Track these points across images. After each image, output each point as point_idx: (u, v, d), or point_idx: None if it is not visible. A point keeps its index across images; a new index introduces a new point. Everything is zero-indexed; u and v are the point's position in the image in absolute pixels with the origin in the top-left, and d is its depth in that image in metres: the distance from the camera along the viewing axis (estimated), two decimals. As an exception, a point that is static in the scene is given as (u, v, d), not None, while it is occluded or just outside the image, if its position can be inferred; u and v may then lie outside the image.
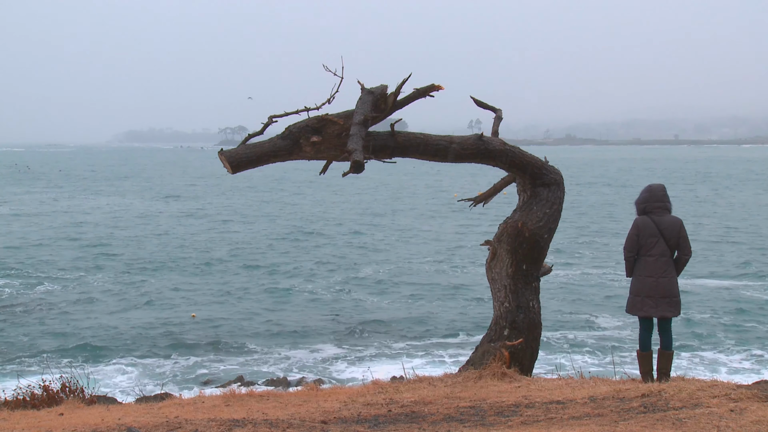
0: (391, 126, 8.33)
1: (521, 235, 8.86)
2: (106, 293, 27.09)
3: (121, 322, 23.09)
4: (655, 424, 5.56)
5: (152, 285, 28.64)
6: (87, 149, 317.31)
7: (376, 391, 8.23)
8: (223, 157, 7.78)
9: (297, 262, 33.78)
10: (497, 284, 9.04)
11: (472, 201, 9.89)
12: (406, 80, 8.06)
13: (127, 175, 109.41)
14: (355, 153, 7.32)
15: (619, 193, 72.51)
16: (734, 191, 74.68)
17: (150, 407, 8.18)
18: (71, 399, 9.32)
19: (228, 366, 19.00)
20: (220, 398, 8.45)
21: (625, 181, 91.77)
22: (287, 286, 28.42)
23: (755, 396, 6.03)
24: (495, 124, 9.31)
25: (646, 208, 8.04)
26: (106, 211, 55.98)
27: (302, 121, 8.07)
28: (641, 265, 7.95)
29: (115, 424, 6.73)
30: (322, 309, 24.84)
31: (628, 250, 8.04)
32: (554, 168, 9.20)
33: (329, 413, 7.08)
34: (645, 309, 7.91)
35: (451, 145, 8.63)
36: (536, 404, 6.84)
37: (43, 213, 54.47)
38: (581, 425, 5.78)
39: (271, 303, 25.83)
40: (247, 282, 29.27)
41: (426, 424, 6.43)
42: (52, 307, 24.88)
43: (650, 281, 7.87)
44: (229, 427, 6.29)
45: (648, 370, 7.97)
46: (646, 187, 8.21)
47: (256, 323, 23.12)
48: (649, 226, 7.94)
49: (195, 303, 25.65)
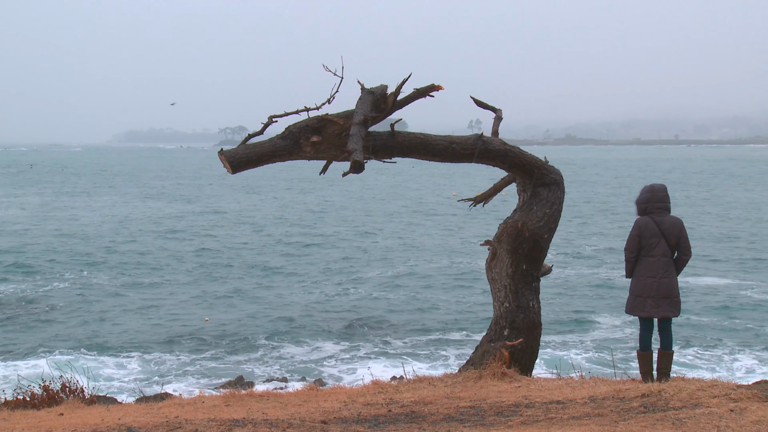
0: (391, 126, 8.33)
1: (521, 235, 8.86)
2: (106, 293, 27.09)
3: (121, 322, 23.10)
4: (655, 424, 5.56)
5: (153, 285, 28.64)
6: (92, 149, 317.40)
7: (376, 391, 8.23)
8: (223, 157, 7.77)
9: (297, 262, 33.78)
10: (497, 284, 9.04)
11: (471, 201, 9.89)
12: (406, 80, 8.06)
13: (135, 174, 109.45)
14: (355, 153, 7.32)
15: (616, 193, 72.52)
16: (739, 190, 74.73)
17: (150, 407, 8.18)
18: (71, 399, 9.31)
19: (228, 366, 19.00)
20: (220, 398, 8.45)
21: (624, 181, 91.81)
22: (287, 287, 28.42)
23: (755, 396, 6.03)
24: (495, 124, 9.31)
25: (647, 208, 8.03)
26: (108, 212, 55.98)
27: (302, 121, 8.06)
28: (643, 265, 7.94)
29: (115, 424, 6.73)
30: (322, 309, 24.84)
31: (630, 250, 8.02)
32: (554, 168, 9.20)
33: (329, 413, 7.08)
34: (647, 309, 7.91)
35: (451, 145, 8.63)
36: (536, 404, 6.84)
37: (44, 213, 54.47)
38: (581, 425, 5.78)
39: (270, 303, 25.83)
40: (246, 282, 29.26)
41: (426, 424, 6.43)
42: (52, 307, 24.89)
43: (652, 282, 7.86)
44: (229, 427, 6.29)
45: (648, 370, 7.98)
46: (647, 187, 8.17)
47: (256, 323, 23.12)
48: (650, 227, 7.93)
49: (195, 304, 25.66)
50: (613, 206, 59.36)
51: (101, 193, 74.07)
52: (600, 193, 72.98)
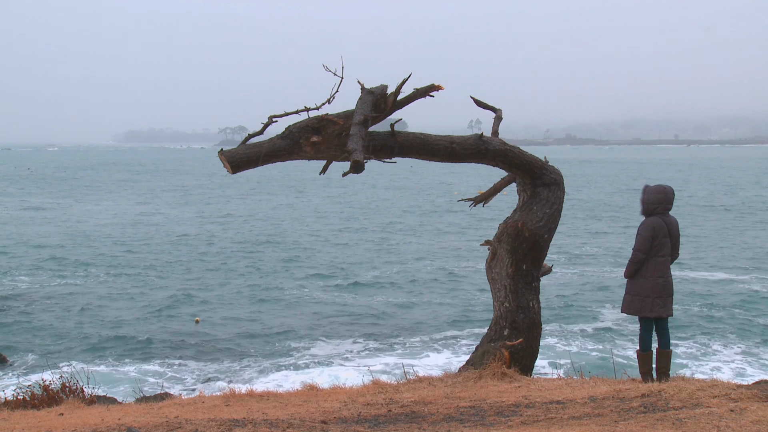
0: (391, 126, 8.32)
1: (521, 235, 8.86)
2: (106, 293, 27.08)
3: (121, 322, 23.09)
4: (655, 424, 5.56)
5: (153, 286, 28.63)
6: (92, 149, 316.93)
7: (376, 391, 8.23)
8: (223, 157, 7.77)
9: (297, 262, 33.78)
10: (497, 284, 9.04)
11: (472, 201, 9.89)
12: (406, 80, 8.05)
13: (144, 174, 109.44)
14: (355, 153, 7.31)
15: (615, 194, 72.52)
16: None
17: (150, 407, 8.17)
18: (71, 399, 9.31)
19: (228, 366, 19.00)
20: (220, 398, 8.44)
21: (625, 180, 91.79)
22: (286, 287, 28.41)
23: (755, 396, 6.03)
24: (495, 124, 9.31)
25: (657, 209, 8.00)
26: (109, 212, 55.97)
27: (302, 121, 8.05)
28: (651, 265, 7.92)
29: (115, 424, 6.73)
30: (322, 309, 24.83)
31: (642, 251, 7.93)
32: (554, 168, 9.20)
33: (329, 413, 7.08)
34: (655, 309, 7.91)
35: (451, 145, 8.62)
36: (536, 404, 6.83)
37: (45, 213, 54.47)
38: (581, 425, 5.78)
39: (270, 303, 25.83)
40: (247, 282, 29.26)
41: (426, 424, 6.42)
42: (52, 307, 24.88)
43: (661, 282, 7.91)
44: (229, 427, 6.28)
45: (648, 369, 7.99)
46: (657, 187, 8.07)
47: (256, 323, 23.12)
48: (662, 228, 7.97)
49: (195, 304, 25.65)
50: (613, 206, 59.34)
51: (101, 196, 74.07)
52: (600, 193, 72.97)
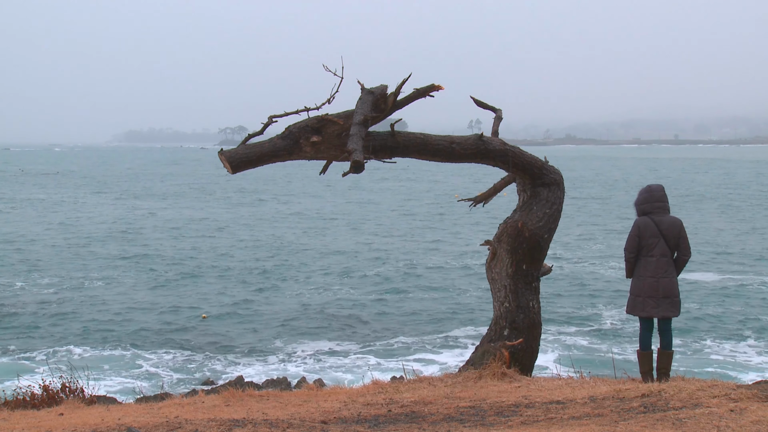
0: (391, 126, 8.32)
1: (521, 235, 8.85)
2: (106, 294, 27.09)
3: (122, 322, 23.10)
4: (655, 424, 5.56)
5: (154, 286, 28.64)
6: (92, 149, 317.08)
7: (376, 391, 8.22)
8: (223, 157, 7.77)
9: (297, 262, 33.77)
10: (497, 284, 9.04)
11: (472, 201, 9.88)
12: (406, 80, 8.04)
13: (145, 174, 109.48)
14: (355, 153, 7.31)
15: (617, 192, 72.53)
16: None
17: (150, 407, 8.17)
18: (71, 399, 9.31)
19: (228, 366, 19.01)
20: (220, 398, 8.44)
21: (624, 180, 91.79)
22: (286, 287, 28.42)
23: (755, 396, 6.02)
24: (495, 124, 9.30)
25: (645, 208, 8.06)
26: (111, 212, 55.97)
27: (302, 121, 8.05)
28: (642, 265, 7.97)
29: (115, 424, 6.73)
30: (322, 309, 24.83)
31: (629, 251, 8.06)
32: (554, 168, 9.19)
33: (329, 413, 7.08)
34: (647, 309, 7.93)
35: (451, 145, 8.61)
36: (536, 404, 6.83)
37: (46, 213, 54.47)
38: (581, 425, 5.78)
39: (270, 303, 25.84)
40: (246, 282, 29.26)
41: (426, 424, 6.42)
42: (52, 306, 24.89)
43: (651, 281, 7.89)
44: (229, 427, 6.28)
45: (648, 369, 7.98)
46: (645, 188, 8.22)
47: (256, 323, 23.12)
48: (650, 227, 7.96)
49: (196, 304, 25.65)
50: (613, 206, 59.35)
51: (100, 194, 74.08)
52: (600, 193, 72.96)
